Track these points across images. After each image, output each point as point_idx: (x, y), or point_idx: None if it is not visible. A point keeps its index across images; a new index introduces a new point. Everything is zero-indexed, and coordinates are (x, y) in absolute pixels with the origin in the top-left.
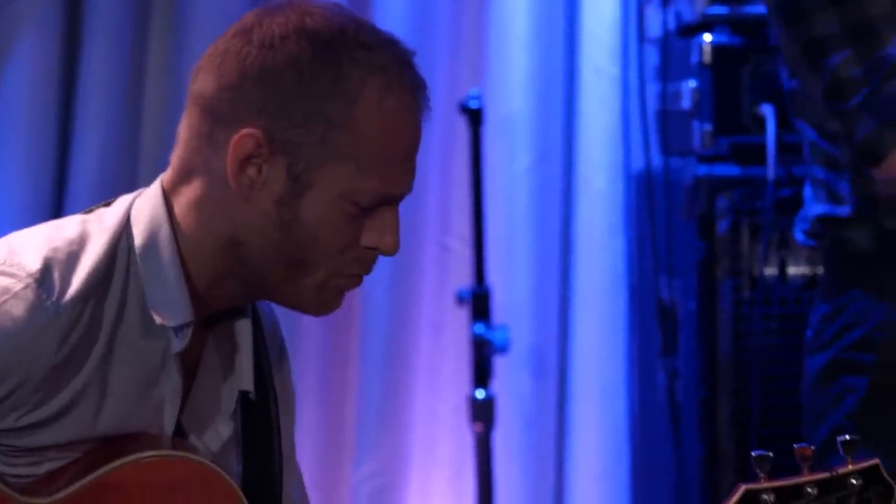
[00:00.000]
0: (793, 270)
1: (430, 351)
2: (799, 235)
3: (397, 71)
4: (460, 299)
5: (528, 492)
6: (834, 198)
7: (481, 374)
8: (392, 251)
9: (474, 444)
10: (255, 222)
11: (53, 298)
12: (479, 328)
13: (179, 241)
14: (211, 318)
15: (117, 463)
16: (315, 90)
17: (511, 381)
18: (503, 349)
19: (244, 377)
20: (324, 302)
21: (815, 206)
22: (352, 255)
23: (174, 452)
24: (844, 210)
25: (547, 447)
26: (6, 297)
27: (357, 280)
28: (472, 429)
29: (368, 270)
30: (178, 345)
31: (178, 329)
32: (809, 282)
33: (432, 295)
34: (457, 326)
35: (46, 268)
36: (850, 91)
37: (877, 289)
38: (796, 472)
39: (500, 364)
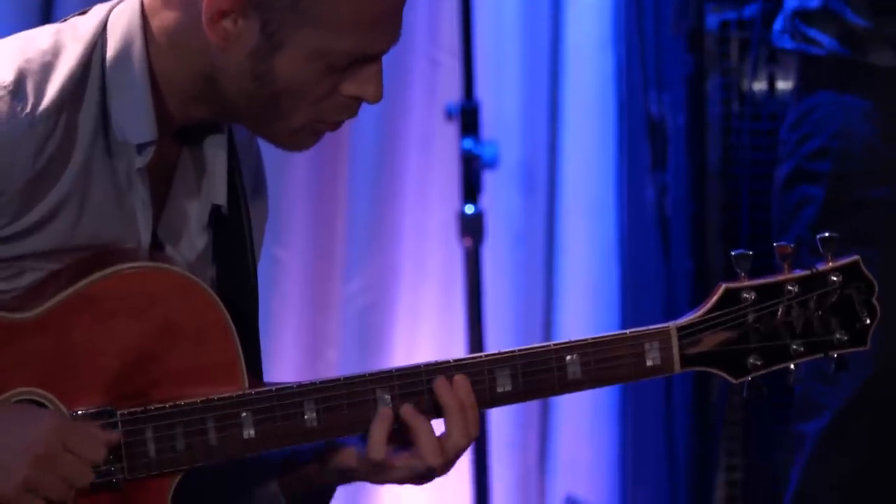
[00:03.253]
0: (782, 85)
1: (419, 166)
2: (776, 30)
3: None
4: (449, 114)
5: (518, 307)
6: None
7: (470, 190)
8: (375, 100)
9: (463, 259)
10: (229, 69)
11: (28, 110)
12: (468, 143)
13: (152, 59)
14: (185, 131)
15: (97, 275)
16: None
17: (500, 196)
18: (492, 164)
19: (217, 191)
20: (297, 142)
21: (791, 1)
22: (331, 103)
23: (153, 264)
24: (815, 2)
25: (536, 262)
26: None
27: (337, 125)
28: (462, 244)
29: (352, 116)
30: (139, 161)
31: (140, 146)
32: None
33: (420, 109)
34: (445, 141)
35: (20, 79)
36: None
37: (837, 94)
38: None
39: (489, 179)
